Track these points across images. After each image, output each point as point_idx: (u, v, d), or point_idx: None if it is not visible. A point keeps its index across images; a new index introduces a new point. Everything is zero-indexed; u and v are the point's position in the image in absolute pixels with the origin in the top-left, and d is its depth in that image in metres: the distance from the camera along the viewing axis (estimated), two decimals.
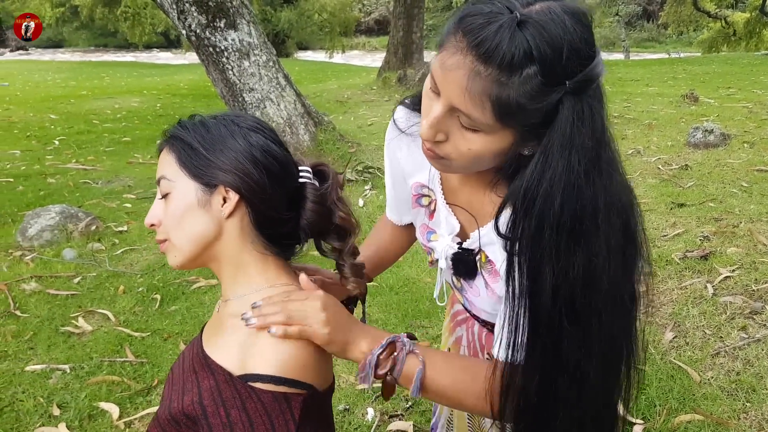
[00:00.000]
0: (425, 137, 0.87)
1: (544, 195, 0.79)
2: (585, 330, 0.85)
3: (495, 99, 0.77)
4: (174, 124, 0.96)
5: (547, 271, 0.81)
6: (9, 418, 2.33)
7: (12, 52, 31.80)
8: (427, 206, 1.12)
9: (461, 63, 0.78)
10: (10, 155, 6.93)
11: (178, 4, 4.90)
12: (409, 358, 0.92)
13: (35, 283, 3.47)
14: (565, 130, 0.78)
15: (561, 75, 0.76)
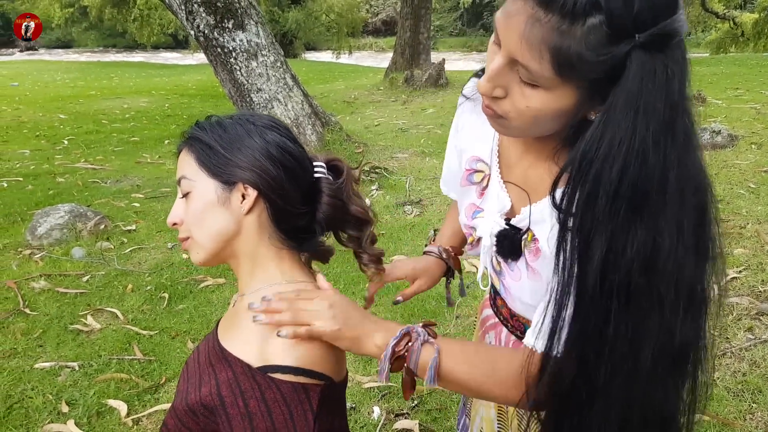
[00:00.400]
0: (482, 91, 0.83)
1: (602, 158, 0.72)
2: (638, 318, 0.76)
3: (554, 49, 0.71)
4: (192, 126, 0.99)
5: (598, 243, 0.74)
6: (18, 414, 2.36)
7: (21, 52, 31.99)
8: (478, 183, 1.07)
9: (521, 8, 0.73)
10: (19, 155, 6.98)
11: (187, 5, 4.93)
12: (425, 347, 0.89)
13: (44, 282, 3.50)
14: (631, 88, 0.70)
15: (630, 27, 0.69)
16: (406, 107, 9.41)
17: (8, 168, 6.33)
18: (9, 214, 4.73)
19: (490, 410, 1.21)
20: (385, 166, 5.58)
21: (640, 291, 0.75)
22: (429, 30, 13.49)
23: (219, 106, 10.83)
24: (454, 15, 39.63)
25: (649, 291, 0.75)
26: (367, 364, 2.63)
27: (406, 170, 5.48)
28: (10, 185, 5.64)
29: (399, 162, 5.78)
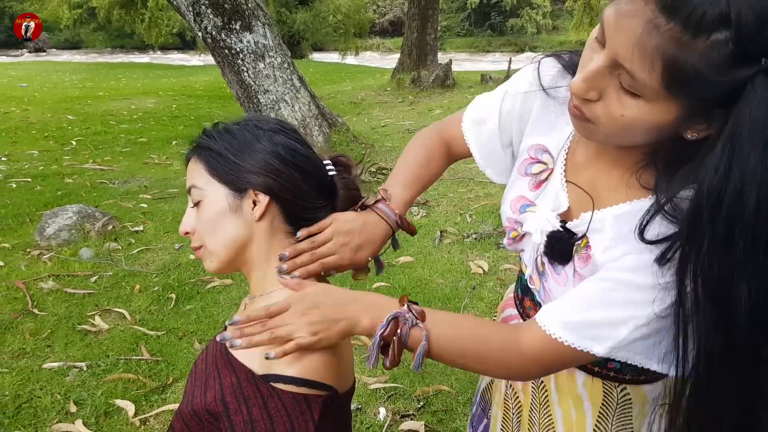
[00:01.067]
0: (576, 91, 0.77)
1: (732, 195, 0.67)
2: None
3: (668, 60, 0.66)
4: (200, 134, 0.99)
5: (743, 288, 0.69)
6: (27, 414, 2.38)
7: (30, 53, 32.16)
8: (536, 174, 1.01)
9: (639, 11, 0.67)
10: (28, 155, 7.02)
11: (195, 6, 4.95)
12: (413, 332, 0.87)
13: (53, 282, 3.52)
14: (758, 115, 0.64)
15: (759, 49, 0.63)
16: (412, 108, 9.42)
17: (17, 168, 6.37)
18: (18, 214, 4.76)
19: (498, 410, 1.21)
20: (391, 167, 5.58)
21: None
22: (436, 30, 13.49)
23: (226, 106, 10.87)
24: (461, 15, 39.59)
25: None
26: None
27: None
28: (19, 186, 5.67)
29: None
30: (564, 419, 1.05)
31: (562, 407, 1.05)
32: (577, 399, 1.04)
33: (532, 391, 1.10)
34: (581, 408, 1.03)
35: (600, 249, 0.87)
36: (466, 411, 2.34)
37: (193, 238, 0.98)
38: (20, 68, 20.25)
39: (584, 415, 1.03)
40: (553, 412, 1.07)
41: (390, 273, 3.55)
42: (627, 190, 0.85)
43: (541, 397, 1.08)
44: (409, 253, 3.81)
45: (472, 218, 4.34)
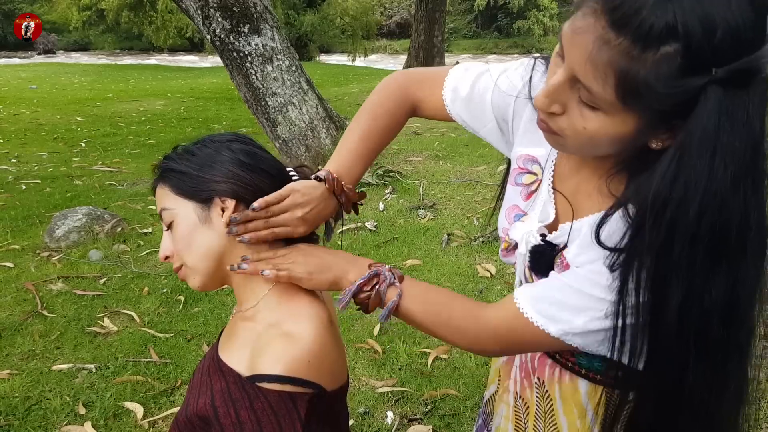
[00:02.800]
0: (538, 105, 0.79)
1: (677, 201, 0.69)
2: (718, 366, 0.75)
3: (621, 74, 0.68)
4: (161, 160, 1.02)
5: (674, 293, 0.72)
6: (37, 416, 2.39)
7: (40, 55, 32.34)
8: (527, 185, 1.03)
9: (591, 26, 0.69)
10: (37, 157, 7.07)
11: (203, 9, 4.97)
12: (390, 289, 0.96)
13: (62, 284, 3.54)
14: (706, 126, 0.66)
15: (708, 60, 0.65)
16: None
17: (27, 170, 6.41)
18: (27, 216, 4.79)
19: (508, 423, 1.21)
20: (398, 169, 5.59)
21: (719, 341, 0.74)
22: (443, 32, 13.51)
23: (234, 108, 10.90)
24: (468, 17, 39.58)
25: (728, 341, 0.74)
26: (380, 369, 2.64)
27: (420, 174, 5.49)
28: (28, 187, 5.71)
29: (412, 166, 5.79)
30: (569, 427, 1.07)
31: (567, 416, 1.07)
32: (580, 409, 1.05)
33: (536, 400, 1.11)
34: (584, 417, 1.04)
35: (571, 254, 0.90)
36: (474, 415, 2.34)
37: (173, 260, 1.00)
38: (30, 70, 20.35)
39: (587, 423, 1.04)
40: (558, 421, 1.08)
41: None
42: (599, 198, 0.87)
43: (546, 406, 1.09)
44: (417, 256, 3.82)
45: (480, 221, 4.33)
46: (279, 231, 0.98)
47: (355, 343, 2.84)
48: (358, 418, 2.34)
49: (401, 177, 5.41)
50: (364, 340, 2.86)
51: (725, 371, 0.76)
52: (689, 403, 0.78)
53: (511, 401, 1.19)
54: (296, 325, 0.91)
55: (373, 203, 4.85)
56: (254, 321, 0.95)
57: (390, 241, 4.09)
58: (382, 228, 4.35)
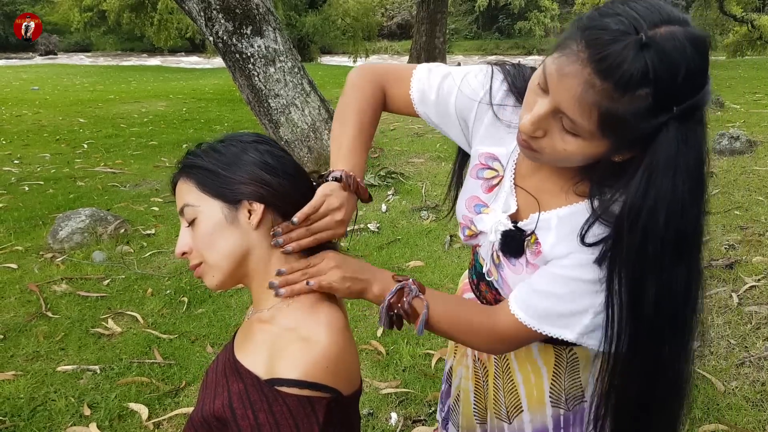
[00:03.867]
0: (525, 131, 0.92)
1: (648, 211, 0.85)
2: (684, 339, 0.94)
3: (603, 111, 0.82)
4: (185, 155, 1.02)
5: (650, 284, 0.88)
6: (42, 417, 2.40)
7: (42, 56, 32.38)
8: (488, 179, 1.15)
9: (579, 72, 0.82)
10: (40, 158, 7.08)
11: (206, 11, 4.98)
12: (415, 301, 1.04)
13: (66, 285, 3.55)
14: (669, 151, 0.82)
15: (671, 100, 0.80)
16: None
17: (29, 172, 6.42)
18: (31, 217, 4.80)
19: (468, 382, 1.37)
20: (401, 171, 5.60)
21: (682, 318, 0.92)
22: (444, 33, 13.51)
23: (236, 110, 10.91)
24: (469, 18, 39.59)
25: (688, 320, 0.93)
26: (384, 370, 2.65)
27: (422, 175, 5.50)
28: (31, 189, 5.72)
29: (415, 167, 5.80)
30: (524, 382, 1.24)
31: (522, 373, 1.24)
32: (534, 364, 1.23)
33: (494, 361, 1.28)
34: (538, 371, 1.22)
35: (549, 245, 1.03)
36: None
37: (191, 257, 1.00)
38: (32, 71, 20.38)
39: (541, 377, 1.22)
40: (514, 377, 1.25)
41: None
42: (566, 196, 1.03)
43: (503, 365, 1.26)
44: (419, 257, 3.82)
45: None
46: (321, 236, 1.01)
47: (359, 344, 2.85)
48: (362, 420, 2.35)
49: (403, 178, 5.42)
50: (368, 342, 2.87)
51: (687, 342, 0.95)
52: (665, 372, 0.96)
53: (470, 364, 1.36)
54: (314, 329, 0.92)
55: (376, 204, 4.86)
56: (271, 323, 0.95)
57: (392, 243, 4.10)
58: (384, 229, 4.36)
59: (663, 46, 0.78)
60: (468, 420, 1.39)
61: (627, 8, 0.81)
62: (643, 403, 0.98)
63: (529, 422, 1.25)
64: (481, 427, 1.37)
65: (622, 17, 0.80)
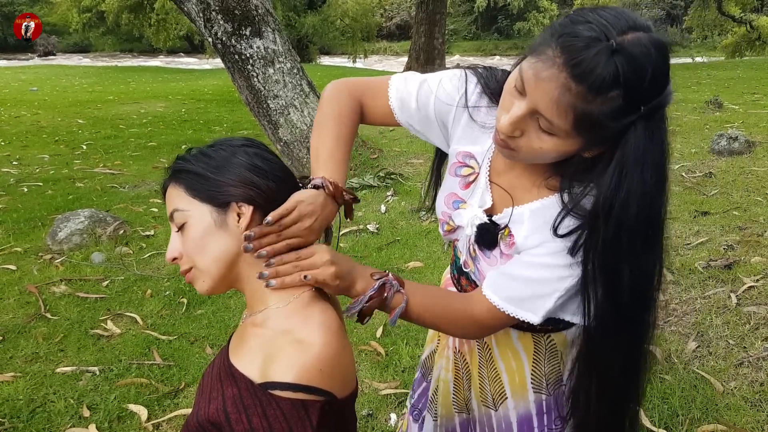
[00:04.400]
0: (504, 132, 0.97)
1: (621, 204, 0.92)
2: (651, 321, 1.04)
3: (579, 112, 0.88)
4: (174, 161, 1.01)
5: (626, 272, 0.96)
6: (41, 418, 2.40)
7: (40, 57, 32.36)
8: (465, 176, 1.21)
9: (555, 77, 0.87)
10: (39, 159, 7.08)
11: (205, 12, 4.98)
12: (396, 296, 1.09)
13: (65, 286, 3.55)
14: (638, 147, 0.89)
15: (639, 100, 0.87)
16: None
17: (28, 173, 6.42)
18: (30, 218, 4.80)
19: (448, 374, 1.41)
20: (400, 171, 5.60)
21: (653, 297, 1.02)
22: (443, 34, 13.51)
23: (235, 111, 10.91)
24: (468, 19, 39.60)
25: (655, 299, 1.02)
26: (383, 371, 2.65)
27: (421, 176, 5.50)
28: (30, 190, 5.72)
29: (414, 168, 5.80)
30: (507, 369, 1.30)
31: (504, 361, 1.30)
32: (514, 352, 1.30)
33: (478, 351, 1.34)
34: (519, 358, 1.29)
35: (522, 237, 1.09)
36: None
37: (181, 262, 0.99)
38: (30, 72, 20.36)
39: (522, 364, 1.29)
40: (497, 366, 1.31)
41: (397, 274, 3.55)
42: (538, 191, 1.09)
43: (486, 354, 1.33)
44: (419, 258, 3.82)
45: None
46: (292, 242, 1.01)
47: (358, 345, 2.85)
48: (361, 421, 2.35)
49: (402, 179, 5.42)
50: (368, 342, 2.87)
51: (654, 324, 1.05)
52: (638, 344, 1.05)
53: (451, 356, 1.41)
54: (308, 332, 0.91)
55: (375, 205, 4.86)
56: (265, 327, 0.95)
57: (392, 244, 4.10)
58: (383, 230, 4.36)
59: (631, 51, 0.84)
60: (447, 409, 1.44)
61: (596, 16, 0.88)
62: (619, 380, 1.07)
63: (513, 408, 1.31)
64: (459, 416, 1.43)
65: (593, 24, 0.86)
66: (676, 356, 2.57)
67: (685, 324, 2.81)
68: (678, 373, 2.46)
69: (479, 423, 1.39)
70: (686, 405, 2.28)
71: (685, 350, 2.61)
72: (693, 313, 2.87)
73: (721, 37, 21.00)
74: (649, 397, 2.31)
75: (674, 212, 4.09)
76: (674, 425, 2.19)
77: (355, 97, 1.25)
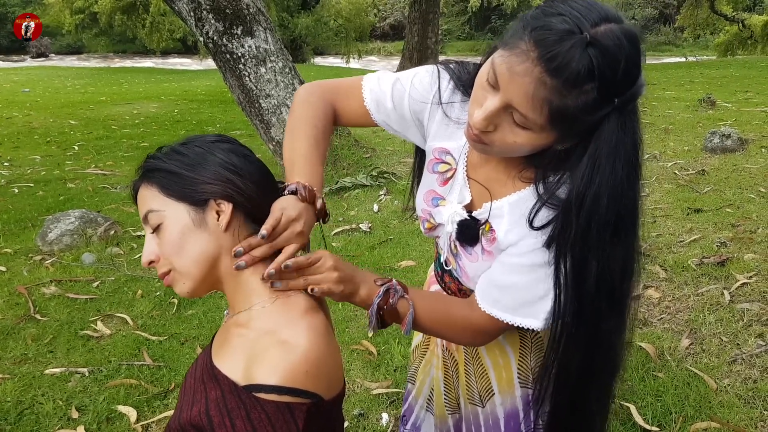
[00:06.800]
0: (477, 126, 0.95)
1: (592, 197, 0.91)
2: (620, 314, 1.02)
3: (554, 106, 0.86)
4: (145, 160, 0.97)
5: (593, 264, 0.95)
6: (29, 420, 2.37)
7: (33, 58, 32.23)
8: (442, 173, 1.20)
9: (530, 71, 0.85)
10: (30, 160, 7.04)
11: (196, 11, 4.95)
12: (401, 302, 1.07)
13: (55, 287, 3.52)
14: (611, 140, 0.88)
15: (613, 93, 0.86)
16: None
17: (19, 174, 6.38)
18: (20, 219, 4.77)
19: (438, 372, 1.41)
20: (393, 170, 5.58)
21: (619, 292, 1.00)
22: (437, 34, 13.50)
23: (228, 111, 10.88)
24: (462, 19, 39.61)
25: (625, 293, 1.01)
26: (375, 371, 2.63)
27: None
28: (21, 191, 5.68)
29: (407, 167, 5.78)
30: (494, 366, 1.30)
31: (491, 357, 1.30)
32: (501, 348, 1.29)
33: (464, 348, 1.34)
34: (506, 354, 1.29)
35: (502, 231, 1.07)
36: None
37: (158, 265, 0.95)
38: (23, 73, 20.29)
39: (509, 359, 1.29)
40: (484, 362, 1.31)
41: (392, 277, 3.54)
42: (514, 183, 1.08)
43: (472, 351, 1.33)
44: (411, 257, 3.81)
45: None
46: (289, 250, 0.99)
47: (350, 344, 2.83)
48: (353, 420, 2.33)
49: (395, 178, 5.41)
50: (359, 342, 2.85)
51: (624, 313, 1.03)
52: (603, 344, 1.03)
53: (440, 353, 1.40)
54: (293, 333, 0.88)
55: (368, 204, 4.85)
56: (249, 327, 0.92)
57: (384, 243, 4.08)
58: (376, 229, 4.34)
59: (604, 43, 0.83)
60: (440, 410, 1.43)
61: (569, 7, 0.86)
62: (581, 373, 1.05)
63: (500, 405, 1.31)
64: (452, 417, 1.41)
65: (566, 17, 0.85)
66: (669, 353, 2.56)
67: (678, 321, 2.80)
68: (671, 371, 2.45)
69: (465, 421, 1.38)
70: (679, 402, 2.27)
71: (678, 347, 2.60)
72: (686, 311, 2.86)
73: (713, 36, 21.08)
74: (642, 395, 2.31)
75: (667, 209, 4.09)
76: (667, 423, 2.18)
77: (327, 100, 1.24)
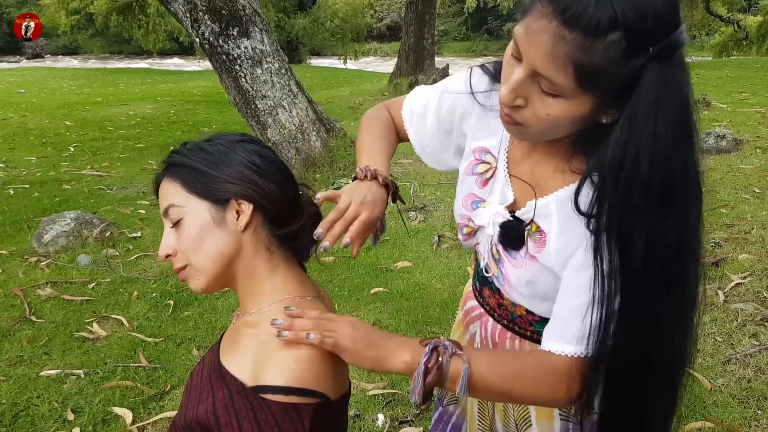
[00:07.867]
0: (505, 101, 0.89)
1: (630, 161, 0.80)
2: (679, 300, 0.87)
3: (578, 63, 0.78)
4: (169, 154, 0.98)
5: (639, 236, 0.82)
6: (24, 422, 2.37)
7: (28, 59, 32.15)
8: (482, 174, 1.13)
9: (546, 27, 0.79)
10: (26, 162, 7.02)
11: (192, 12, 4.95)
12: (453, 360, 0.91)
13: (50, 289, 3.51)
14: (649, 96, 0.78)
15: (645, 41, 0.76)
16: None
17: (15, 175, 6.37)
18: (16, 221, 4.76)
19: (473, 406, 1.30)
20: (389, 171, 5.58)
21: (677, 274, 0.85)
22: (433, 35, 13.51)
23: (224, 112, 10.87)
24: (458, 20, 39.64)
25: (684, 273, 0.85)
26: (371, 371, 2.63)
27: (410, 176, 5.49)
28: (16, 192, 5.67)
29: (403, 168, 5.79)
30: None
31: None
32: None
33: None
34: None
35: (554, 234, 0.98)
36: None
37: (175, 259, 0.96)
38: (18, 74, 20.25)
39: None
40: None
41: (388, 278, 3.55)
42: (562, 176, 0.98)
43: None
44: (407, 258, 3.81)
45: None
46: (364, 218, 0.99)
47: None
48: (349, 421, 2.33)
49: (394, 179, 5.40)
50: None
51: (684, 299, 0.87)
52: (660, 333, 0.87)
53: None
54: None
55: None
56: (258, 328, 0.92)
57: (380, 243, 4.08)
58: None
59: None
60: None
61: None
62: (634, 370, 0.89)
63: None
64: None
65: None
66: None
67: None
68: None
69: None
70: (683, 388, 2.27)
71: None
72: None
73: (708, 36, 21.12)
74: None
75: None
76: None
77: (385, 107, 1.28)
